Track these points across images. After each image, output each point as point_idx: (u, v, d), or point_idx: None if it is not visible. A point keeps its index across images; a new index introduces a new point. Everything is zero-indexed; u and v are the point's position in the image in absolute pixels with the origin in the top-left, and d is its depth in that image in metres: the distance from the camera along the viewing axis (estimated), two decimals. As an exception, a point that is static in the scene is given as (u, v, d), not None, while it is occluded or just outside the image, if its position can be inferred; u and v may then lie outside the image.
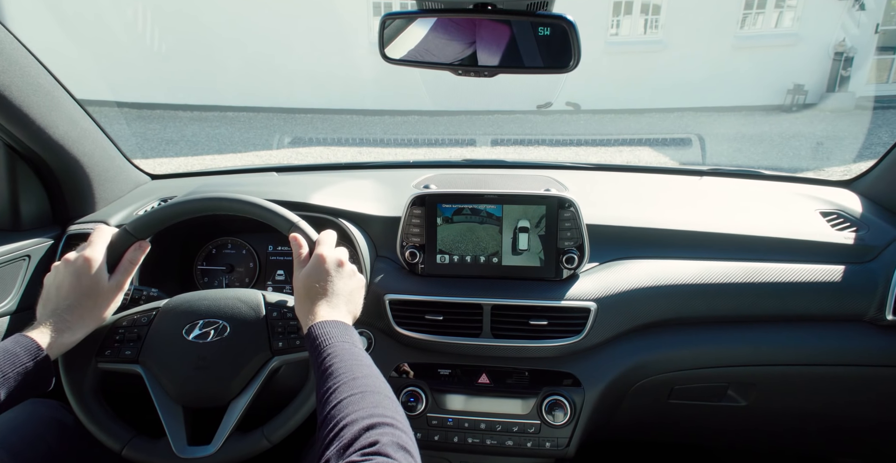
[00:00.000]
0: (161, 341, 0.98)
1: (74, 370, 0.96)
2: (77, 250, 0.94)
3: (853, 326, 1.27)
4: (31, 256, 1.35)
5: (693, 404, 1.37)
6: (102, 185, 1.49)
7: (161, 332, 0.99)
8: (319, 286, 0.93)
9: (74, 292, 0.90)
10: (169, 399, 0.96)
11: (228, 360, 0.96)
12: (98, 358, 0.97)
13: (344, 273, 0.97)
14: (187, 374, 0.95)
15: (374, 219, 1.38)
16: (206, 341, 0.97)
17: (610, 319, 1.24)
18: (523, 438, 1.25)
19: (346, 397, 0.74)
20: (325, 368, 0.81)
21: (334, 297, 0.93)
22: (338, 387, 0.76)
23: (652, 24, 11.49)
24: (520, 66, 0.90)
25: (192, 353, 0.96)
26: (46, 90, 1.24)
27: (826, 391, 1.34)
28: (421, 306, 1.26)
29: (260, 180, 1.70)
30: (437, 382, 1.27)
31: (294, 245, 0.99)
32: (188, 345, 0.96)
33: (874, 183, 1.52)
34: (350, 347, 0.84)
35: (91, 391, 0.97)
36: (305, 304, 0.93)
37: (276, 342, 0.98)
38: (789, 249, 1.32)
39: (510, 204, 1.27)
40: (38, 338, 0.83)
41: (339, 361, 0.81)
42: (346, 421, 0.70)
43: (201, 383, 0.95)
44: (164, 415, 0.95)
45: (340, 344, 0.84)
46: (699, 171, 1.74)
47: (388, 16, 0.92)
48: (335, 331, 0.86)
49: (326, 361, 0.81)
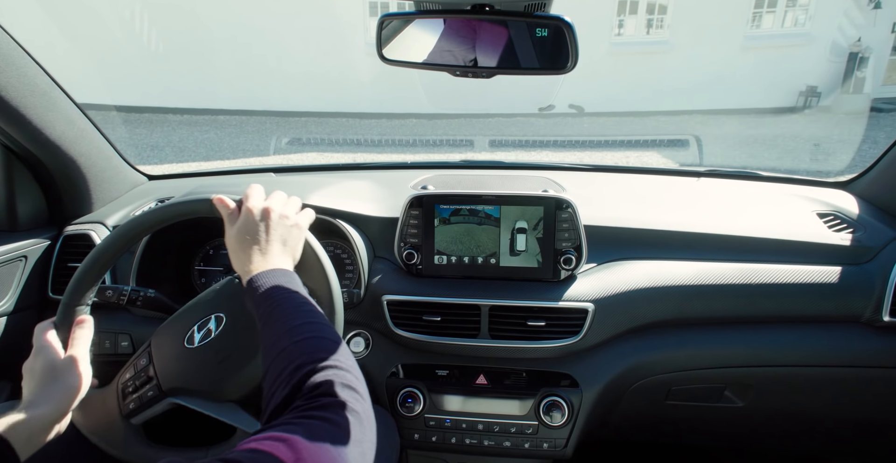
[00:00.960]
0: (172, 364, 0.96)
1: (116, 447, 0.95)
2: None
3: (850, 328, 1.27)
4: (27, 256, 1.34)
5: (690, 405, 1.38)
6: (99, 185, 1.49)
7: (166, 357, 0.98)
8: (250, 238, 0.91)
9: (36, 373, 0.89)
10: (219, 405, 0.94)
11: (244, 340, 0.95)
12: (129, 418, 0.95)
13: (273, 219, 0.94)
14: (216, 373, 0.94)
15: (372, 220, 1.38)
16: (212, 338, 0.96)
17: (607, 320, 1.24)
18: (521, 439, 1.25)
19: (287, 346, 0.73)
20: (265, 319, 0.80)
21: (268, 244, 0.91)
22: (279, 336, 0.75)
23: (657, 24, 11.07)
24: (517, 67, 0.90)
25: (206, 354, 0.95)
26: (43, 90, 1.24)
27: (823, 392, 1.34)
28: (419, 307, 1.26)
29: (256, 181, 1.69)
30: (435, 383, 1.27)
31: (221, 208, 0.97)
32: (197, 350, 0.95)
33: (871, 184, 1.52)
34: (288, 294, 0.83)
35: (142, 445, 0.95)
36: (240, 257, 0.91)
37: None
38: (786, 250, 1.32)
39: (508, 205, 1.27)
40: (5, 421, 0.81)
41: (278, 311, 0.79)
42: (290, 368, 0.69)
43: (233, 373, 0.94)
44: (228, 418, 0.93)
45: (279, 293, 0.82)
46: (696, 172, 1.75)
47: (386, 16, 0.92)
48: (272, 279, 0.85)
49: (266, 312, 0.80)
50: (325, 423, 0.62)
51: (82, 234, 1.40)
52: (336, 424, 0.63)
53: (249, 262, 0.89)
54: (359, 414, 0.66)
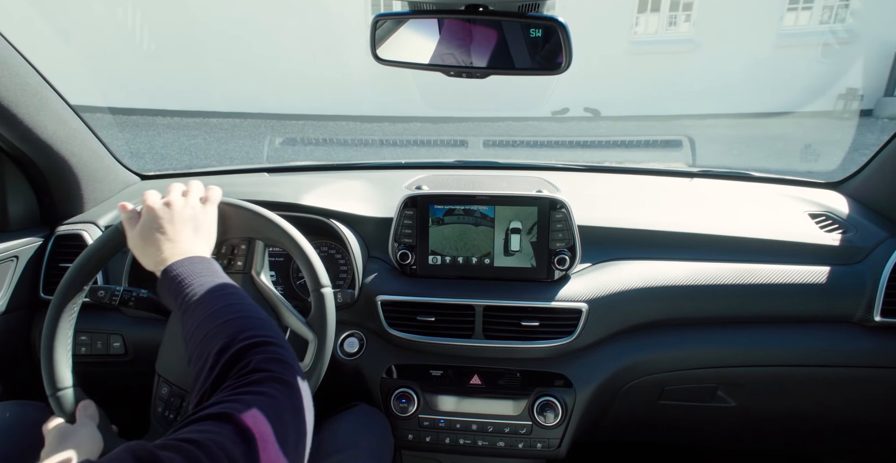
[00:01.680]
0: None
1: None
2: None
3: (841, 328, 1.28)
4: (19, 256, 1.34)
5: (683, 405, 1.38)
6: (91, 185, 1.48)
7: (183, 376, 1.03)
8: (155, 229, 0.89)
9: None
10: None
11: None
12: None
13: (175, 207, 0.92)
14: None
15: (366, 220, 1.38)
16: None
17: (601, 320, 1.24)
18: (515, 439, 1.25)
19: (211, 329, 0.72)
20: (185, 307, 0.78)
21: (176, 232, 0.89)
22: (201, 321, 0.74)
23: (682, 21, 10.11)
24: (511, 67, 0.90)
25: None
26: (34, 90, 1.23)
27: (814, 392, 1.35)
28: (413, 307, 1.26)
29: (250, 181, 1.69)
30: (429, 383, 1.27)
31: (121, 213, 0.96)
32: None
33: (862, 185, 1.53)
34: (208, 279, 0.81)
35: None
36: (147, 252, 0.88)
37: None
38: (778, 250, 1.33)
39: (502, 205, 1.27)
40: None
41: (199, 297, 0.78)
42: (215, 350, 0.68)
43: None
44: None
45: (197, 279, 0.80)
46: (690, 172, 1.75)
47: (380, 16, 0.92)
48: (188, 267, 0.83)
49: (185, 300, 0.78)
50: (260, 396, 0.61)
51: (74, 234, 1.39)
52: (272, 396, 0.62)
53: (159, 251, 0.87)
54: (293, 385, 0.65)
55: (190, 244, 0.89)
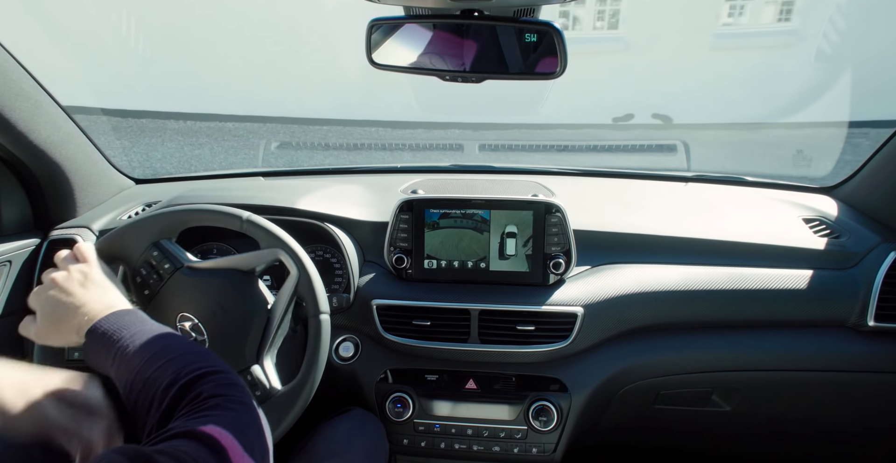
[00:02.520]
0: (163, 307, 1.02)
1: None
2: None
3: (835, 332, 1.28)
4: (12, 261, 1.33)
5: (678, 410, 1.38)
6: (85, 189, 1.47)
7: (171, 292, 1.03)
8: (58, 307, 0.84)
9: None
10: None
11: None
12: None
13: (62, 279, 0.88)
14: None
15: (362, 224, 1.38)
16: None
17: (596, 325, 1.24)
18: (510, 444, 1.25)
19: (152, 372, 0.68)
20: (119, 359, 0.73)
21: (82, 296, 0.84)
22: (139, 366, 0.70)
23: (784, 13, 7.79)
24: (506, 72, 0.90)
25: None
26: (28, 94, 1.23)
27: (808, 397, 1.35)
28: (408, 311, 1.26)
29: (246, 185, 1.69)
30: (425, 388, 1.27)
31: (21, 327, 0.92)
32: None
33: (855, 190, 1.54)
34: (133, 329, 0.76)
35: None
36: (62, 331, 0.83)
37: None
38: (772, 255, 1.33)
39: (497, 209, 1.27)
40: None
41: (132, 347, 0.73)
42: (161, 388, 0.65)
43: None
44: None
45: (122, 332, 0.76)
46: (684, 177, 1.76)
47: (375, 21, 0.92)
48: (111, 324, 0.78)
49: (118, 353, 0.74)
50: (220, 415, 0.60)
51: (68, 238, 1.38)
52: (233, 412, 0.62)
53: (73, 319, 0.82)
54: (250, 405, 0.65)
55: (104, 301, 0.84)
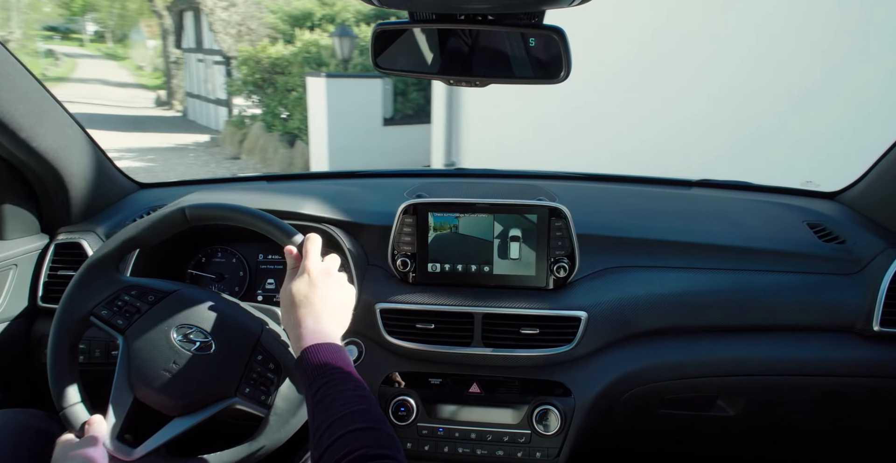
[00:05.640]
0: (151, 326, 0.98)
1: (68, 313, 0.99)
2: None
3: (840, 337, 1.28)
4: (18, 264, 1.33)
5: (682, 414, 1.38)
6: (90, 193, 1.48)
7: (156, 318, 0.99)
8: (305, 298, 0.92)
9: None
10: (127, 383, 0.96)
11: (192, 379, 0.96)
12: (94, 310, 0.99)
13: (331, 284, 0.95)
14: (154, 370, 0.96)
15: (365, 227, 1.38)
16: (185, 350, 0.97)
17: (601, 328, 1.24)
18: (514, 448, 1.25)
19: (343, 433, 0.74)
20: (318, 399, 0.80)
21: (322, 310, 0.91)
22: (333, 422, 0.76)
23: None
24: (511, 76, 0.90)
25: (168, 354, 0.96)
26: (34, 98, 1.24)
27: (813, 401, 1.35)
28: (412, 315, 1.26)
29: (250, 189, 1.69)
30: (428, 392, 1.27)
31: (288, 257, 0.99)
32: (169, 345, 0.97)
33: (860, 194, 1.54)
34: (342, 374, 0.83)
35: (69, 343, 0.99)
36: (291, 315, 0.92)
37: (244, 386, 0.97)
38: (777, 259, 1.33)
39: (501, 213, 1.27)
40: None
41: (332, 394, 0.80)
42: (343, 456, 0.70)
43: (158, 386, 0.95)
44: (115, 395, 0.96)
45: (332, 372, 0.83)
46: (688, 181, 1.76)
47: (380, 25, 0.93)
48: (325, 356, 0.85)
49: (318, 392, 0.81)
50: None
51: (73, 242, 1.39)
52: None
53: (300, 323, 0.90)
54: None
55: (327, 328, 0.91)
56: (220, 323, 1.01)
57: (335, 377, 0.82)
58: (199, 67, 16.53)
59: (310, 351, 0.85)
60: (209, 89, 15.77)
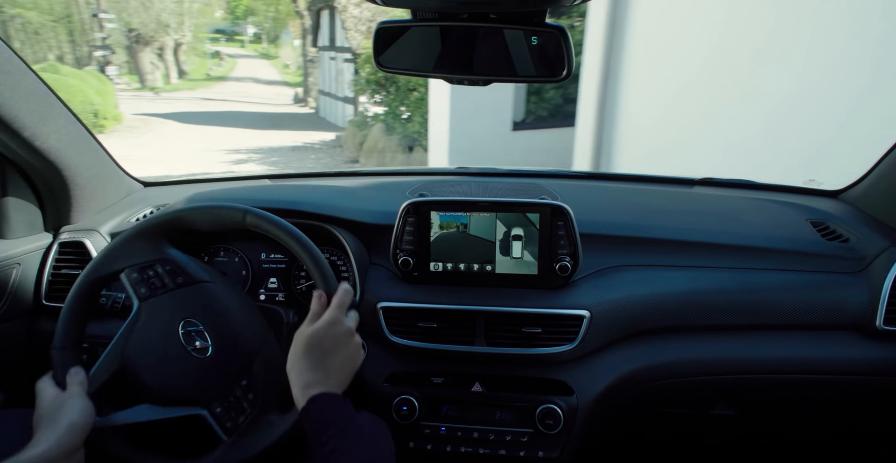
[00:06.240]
0: (165, 308, 1.01)
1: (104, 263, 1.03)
2: None
3: (844, 336, 1.28)
4: (21, 263, 1.34)
5: (685, 413, 1.38)
6: (94, 192, 1.48)
7: (174, 301, 1.01)
8: (323, 348, 0.94)
9: (39, 420, 0.93)
10: (120, 350, 0.99)
11: (176, 375, 0.98)
12: (127, 270, 1.03)
13: (351, 343, 0.98)
14: (147, 350, 0.98)
15: (368, 226, 1.38)
16: (183, 345, 0.99)
17: (603, 327, 1.24)
18: (516, 447, 1.25)
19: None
20: (331, 448, 0.83)
21: (335, 365, 0.94)
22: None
23: None
24: (513, 74, 0.90)
25: (167, 341, 0.98)
26: (38, 97, 1.24)
27: (816, 401, 1.34)
28: (414, 314, 1.26)
29: (253, 188, 1.69)
30: (431, 391, 1.27)
31: (315, 301, 1.00)
32: (172, 333, 0.99)
33: (864, 193, 1.53)
34: (351, 430, 0.86)
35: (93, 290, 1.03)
36: (304, 359, 0.93)
37: (217, 405, 0.99)
38: (780, 258, 1.33)
39: (504, 212, 1.27)
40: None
41: (348, 444, 0.83)
42: None
43: (142, 366, 0.98)
44: (104, 357, 0.99)
45: (345, 422, 0.86)
46: (690, 180, 1.75)
47: (383, 24, 0.93)
48: (338, 407, 0.88)
49: (332, 441, 0.83)
50: None
51: (76, 241, 1.39)
52: None
53: (307, 373, 0.92)
54: None
55: (339, 384, 0.94)
56: (226, 333, 1.02)
57: (349, 428, 0.85)
58: (330, 65, 16.54)
59: (321, 399, 0.87)
60: (338, 87, 15.58)
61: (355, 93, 12.91)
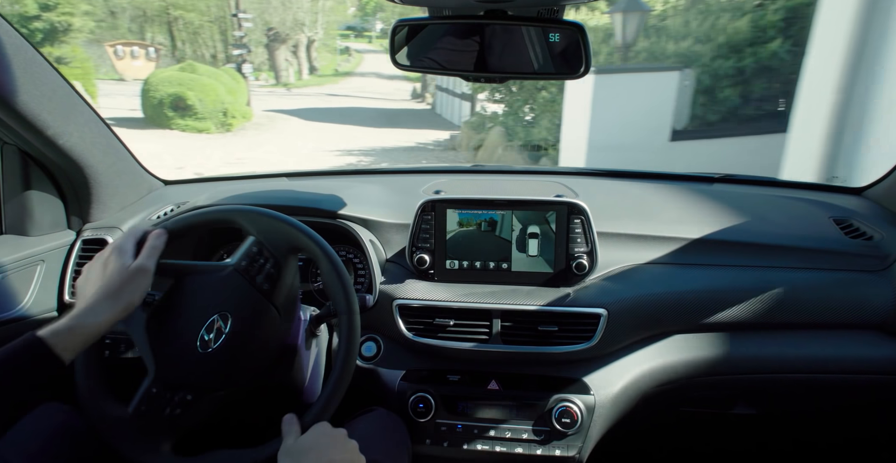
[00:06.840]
0: (193, 300, 0.98)
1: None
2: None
3: (867, 335, 1.26)
4: (45, 260, 1.36)
5: (704, 412, 1.36)
6: (116, 190, 1.50)
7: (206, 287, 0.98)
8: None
9: (99, 279, 0.90)
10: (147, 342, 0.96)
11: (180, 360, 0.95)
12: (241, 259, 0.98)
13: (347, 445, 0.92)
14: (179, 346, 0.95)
15: (384, 224, 1.39)
16: (201, 341, 0.95)
17: (620, 326, 1.23)
18: (533, 446, 1.24)
19: None
20: None
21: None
22: None
23: None
24: (531, 71, 0.90)
25: (189, 334, 0.95)
26: (61, 96, 1.26)
27: (837, 400, 1.32)
28: (430, 311, 1.26)
29: (271, 186, 1.71)
30: (447, 388, 1.27)
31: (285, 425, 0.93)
32: (194, 328, 0.95)
33: (888, 190, 1.50)
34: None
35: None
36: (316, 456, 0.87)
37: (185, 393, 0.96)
38: (802, 256, 1.31)
39: (520, 209, 1.27)
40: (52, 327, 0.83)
41: None
42: None
43: (155, 344, 0.95)
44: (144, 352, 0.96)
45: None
46: (710, 177, 1.73)
47: (400, 22, 0.93)
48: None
49: None
50: None
51: (99, 238, 1.42)
52: None
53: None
54: None
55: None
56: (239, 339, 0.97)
57: None
58: (448, 59, 16.29)
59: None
60: (456, 82, 14.68)
61: (474, 90, 11.77)
